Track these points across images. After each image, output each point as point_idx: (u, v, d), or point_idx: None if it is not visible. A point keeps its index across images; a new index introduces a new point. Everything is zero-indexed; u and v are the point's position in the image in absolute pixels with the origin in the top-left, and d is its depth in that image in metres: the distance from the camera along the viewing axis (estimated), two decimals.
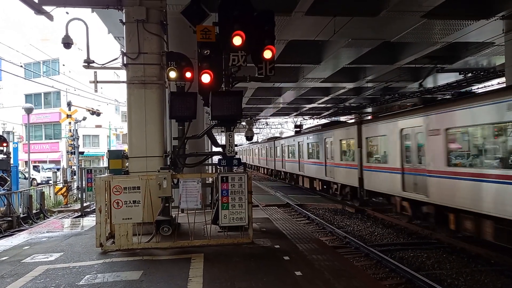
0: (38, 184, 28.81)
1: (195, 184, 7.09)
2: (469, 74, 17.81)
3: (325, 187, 19.58)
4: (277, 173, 31.27)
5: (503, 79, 16.95)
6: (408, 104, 22.96)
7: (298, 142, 23.57)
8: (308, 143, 21.69)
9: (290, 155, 26.08)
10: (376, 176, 13.64)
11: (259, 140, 48.44)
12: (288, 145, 26.62)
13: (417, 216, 11.44)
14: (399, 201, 12.11)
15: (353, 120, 28.40)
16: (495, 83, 19.78)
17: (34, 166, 33.75)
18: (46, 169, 34.71)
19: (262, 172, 40.68)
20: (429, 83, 23.32)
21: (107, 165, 9.05)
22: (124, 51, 8.28)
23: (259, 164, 41.24)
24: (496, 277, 7.51)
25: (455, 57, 17.44)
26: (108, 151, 9.45)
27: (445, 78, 21.72)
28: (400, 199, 12.05)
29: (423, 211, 10.88)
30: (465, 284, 7.21)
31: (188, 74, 7.76)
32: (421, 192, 10.72)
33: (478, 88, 21.49)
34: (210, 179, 8.47)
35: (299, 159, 23.53)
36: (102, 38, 21.01)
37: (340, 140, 16.92)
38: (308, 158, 21.73)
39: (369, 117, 24.08)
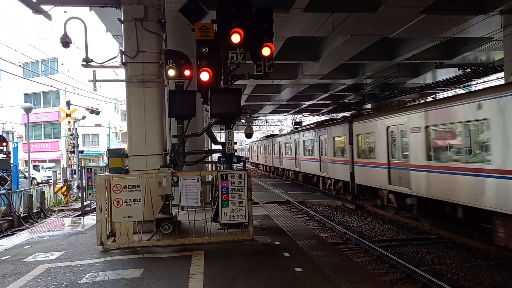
0: (38, 183, 28.82)
1: (195, 182, 7.11)
2: (468, 70, 17.80)
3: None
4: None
5: (501, 74, 16.96)
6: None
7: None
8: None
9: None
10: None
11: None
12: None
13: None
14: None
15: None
16: (494, 78, 19.78)
17: (34, 166, 33.77)
18: (46, 168, 34.75)
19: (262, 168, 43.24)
20: (428, 78, 23.32)
21: (107, 164, 9.04)
22: (123, 50, 8.28)
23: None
24: (496, 271, 7.54)
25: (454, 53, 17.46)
26: (108, 149, 9.44)
27: (444, 74, 21.71)
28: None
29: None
30: (464, 279, 7.24)
31: (187, 72, 7.77)
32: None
33: (476, 84, 21.51)
34: (210, 177, 8.49)
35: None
36: (101, 37, 21.00)
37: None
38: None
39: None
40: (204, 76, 7.24)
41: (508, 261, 7.95)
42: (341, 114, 35.17)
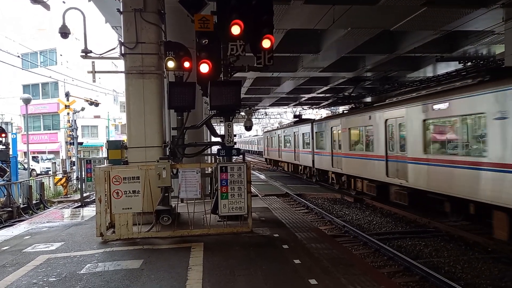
0: (37, 174, 28.85)
1: (194, 174, 7.12)
2: (469, 63, 17.75)
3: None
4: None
5: None
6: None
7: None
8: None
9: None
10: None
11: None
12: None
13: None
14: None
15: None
16: None
17: (33, 157, 33.78)
18: (45, 159, 34.76)
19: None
20: (428, 72, 23.27)
21: (106, 155, 9.04)
22: (122, 41, 8.22)
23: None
24: (493, 264, 7.59)
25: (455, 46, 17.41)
26: (107, 141, 9.43)
27: (445, 67, 21.65)
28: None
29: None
30: (462, 272, 7.29)
31: (187, 64, 7.72)
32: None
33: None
34: (209, 169, 8.50)
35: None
36: (100, 28, 20.86)
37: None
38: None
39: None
40: (204, 68, 7.20)
41: (506, 255, 8.00)
42: (341, 108, 35.08)
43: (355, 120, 15.89)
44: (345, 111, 19.56)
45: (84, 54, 8.63)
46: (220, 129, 25.31)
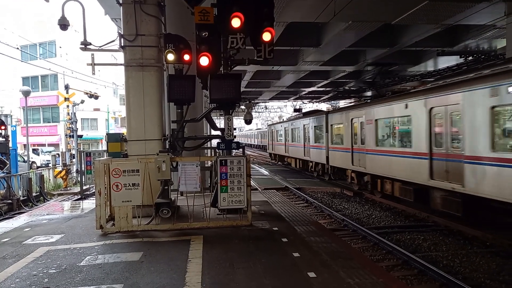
0: (38, 167, 28.87)
1: (194, 167, 7.12)
2: (470, 58, 17.69)
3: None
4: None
5: None
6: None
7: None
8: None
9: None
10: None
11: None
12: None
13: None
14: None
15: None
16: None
17: (33, 150, 33.79)
18: (46, 152, 34.78)
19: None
20: (429, 66, 23.19)
21: (106, 148, 9.02)
22: (121, 33, 8.18)
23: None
24: (492, 258, 7.62)
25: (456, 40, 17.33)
26: (107, 134, 9.42)
27: (446, 62, 21.58)
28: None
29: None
30: (460, 266, 7.32)
31: (186, 57, 7.69)
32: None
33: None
34: (209, 162, 8.50)
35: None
36: (99, 20, 20.73)
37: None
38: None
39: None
40: (204, 61, 7.16)
41: (504, 249, 8.03)
42: (342, 102, 34.96)
43: (385, 110, 12.98)
44: (368, 100, 16.62)
45: (83, 46, 8.58)
46: (220, 122, 25.25)
